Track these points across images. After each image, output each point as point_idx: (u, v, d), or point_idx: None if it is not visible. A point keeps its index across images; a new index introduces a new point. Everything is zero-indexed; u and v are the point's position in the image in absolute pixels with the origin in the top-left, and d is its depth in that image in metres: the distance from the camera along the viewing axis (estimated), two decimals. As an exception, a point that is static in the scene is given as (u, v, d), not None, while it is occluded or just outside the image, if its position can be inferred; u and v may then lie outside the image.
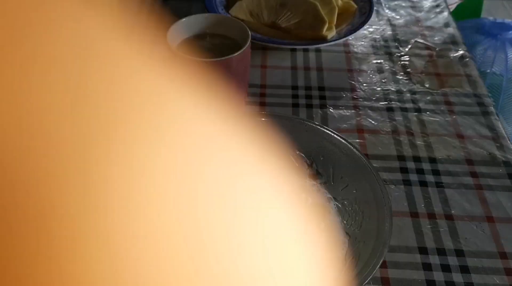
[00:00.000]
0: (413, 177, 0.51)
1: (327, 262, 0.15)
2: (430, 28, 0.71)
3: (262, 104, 0.59)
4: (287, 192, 0.15)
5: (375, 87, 0.62)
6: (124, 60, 0.12)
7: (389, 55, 0.67)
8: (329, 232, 0.44)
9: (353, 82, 0.62)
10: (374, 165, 0.50)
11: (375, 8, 0.72)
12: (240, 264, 0.12)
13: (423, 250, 0.44)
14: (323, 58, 0.66)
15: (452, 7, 1.20)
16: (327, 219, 0.45)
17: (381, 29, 0.71)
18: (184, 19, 0.51)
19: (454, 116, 0.58)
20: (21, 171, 0.11)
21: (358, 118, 0.57)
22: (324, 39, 0.65)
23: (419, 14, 0.74)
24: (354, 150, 0.44)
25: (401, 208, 0.48)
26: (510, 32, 1.10)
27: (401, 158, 0.53)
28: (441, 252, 0.44)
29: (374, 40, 0.69)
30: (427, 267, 0.43)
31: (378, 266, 0.35)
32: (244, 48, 0.48)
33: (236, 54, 0.48)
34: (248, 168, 0.14)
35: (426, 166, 0.52)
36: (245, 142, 0.15)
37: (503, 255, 0.44)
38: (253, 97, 0.59)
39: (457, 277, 0.42)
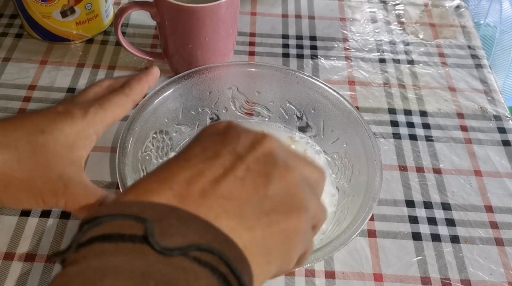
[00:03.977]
0: (403, 130, 0.50)
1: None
2: (427, -25, 0.69)
3: (251, 54, 0.57)
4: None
5: (367, 37, 0.60)
6: None
7: (384, 4, 0.65)
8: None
9: (345, 32, 0.61)
10: (365, 118, 0.49)
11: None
12: None
13: (410, 203, 0.44)
14: (315, 6, 0.63)
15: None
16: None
17: (376, -24, 0.68)
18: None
19: (447, 69, 0.57)
20: None
21: (349, 69, 0.56)
22: (316, -15, 0.62)
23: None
24: (346, 103, 0.43)
25: (390, 161, 0.47)
26: (507, -19, 1.07)
27: (392, 111, 0.52)
28: (428, 205, 0.44)
29: (369, -13, 0.66)
30: (413, 220, 0.43)
31: (366, 221, 0.35)
32: (233, -6, 0.46)
33: (224, -1, 0.45)
34: None
35: (416, 119, 0.51)
36: None
37: (489, 209, 0.44)
38: (241, 46, 0.57)
39: (443, 230, 0.43)
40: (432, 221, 0.43)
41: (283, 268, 0.25)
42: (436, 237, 0.42)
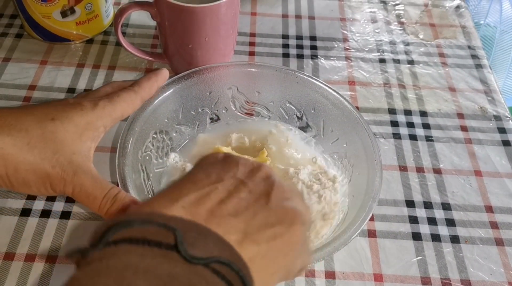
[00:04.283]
0: (403, 130, 0.50)
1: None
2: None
3: (251, 54, 0.57)
4: None
5: (368, 38, 0.60)
6: None
7: (384, 4, 0.65)
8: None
9: (345, 32, 0.61)
10: (365, 118, 0.49)
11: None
12: None
13: (410, 204, 0.44)
14: (315, 6, 0.63)
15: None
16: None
17: (376, -24, 0.68)
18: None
19: (447, 69, 0.57)
20: None
21: (349, 70, 0.56)
22: (316, -14, 0.62)
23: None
24: (346, 103, 0.43)
25: (390, 161, 0.47)
26: (507, -19, 1.07)
27: (392, 111, 0.52)
28: (428, 205, 0.44)
29: (369, -13, 0.66)
30: (413, 220, 0.43)
31: (366, 221, 0.35)
32: (233, -6, 0.46)
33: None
34: None
35: (416, 119, 0.51)
36: None
37: (489, 209, 0.44)
38: (241, 46, 0.57)
39: (443, 230, 0.43)
40: (432, 221, 0.43)
41: (285, 278, 0.26)
42: (436, 237, 0.42)
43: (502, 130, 0.51)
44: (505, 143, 0.50)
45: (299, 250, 0.26)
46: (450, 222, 0.43)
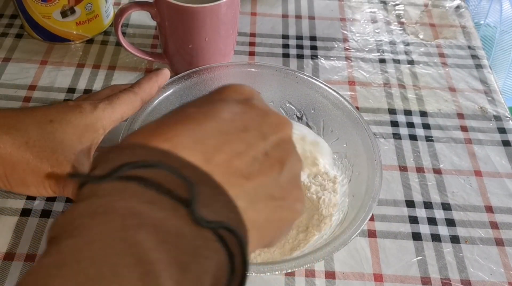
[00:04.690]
0: (403, 130, 0.50)
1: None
2: (427, -25, 0.69)
3: (252, 54, 0.57)
4: None
5: (368, 38, 0.60)
6: None
7: (384, 4, 0.65)
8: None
9: (345, 32, 0.61)
10: (365, 118, 0.49)
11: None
12: None
13: (410, 204, 0.44)
14: (315, 6, 0.63)
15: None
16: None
17: (376, -24, 0.68)
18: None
19: (447, 69, 0.57)
20: None
21: (349, 70, 0.56)
22: (316, -14, 0.62)
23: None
24: (346, 103, 0.43)
25: (390, 161, 0.47)
26: (507, -19, 1.07)
27: (392, 111, 0.52)
28: (428, 205, 0.44)
29: (369, -13, 0.66)
30: (413, 220, 0.43)
31: (366, 221, 0.35)
32: (233, -6, 0.46)
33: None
34: None
35: (416, 119, 0.51)
36: None
37: (489, 209, 0.44)
38: (241, 46, 0.57)
39: (443, 230, 0.43)
40: (432, 221, 0.43)
41: (265, 247, 0.27)
42: (436, 237, 0.42)
43: (502, 130, 0.51)
44: (505, 143, 0.50)
45: (288, 228, 0.26)
46: (450, 222, 0.43)
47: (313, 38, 0.59)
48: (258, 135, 0.24)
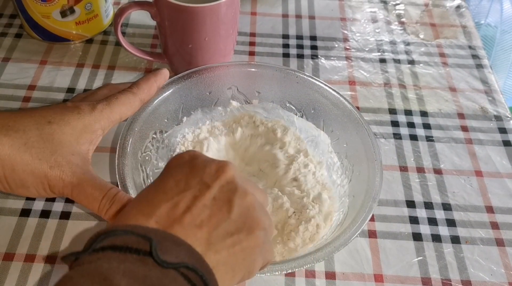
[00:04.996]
0: (404, 130, 0.50)
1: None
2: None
3: (252, 54, 0.57)
4: None
5: (368, 37, 0.60)
6: None
7: (384, 4, 0.65)
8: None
9: (345, 32, 0.60)
10: (366, 118, 0.49)
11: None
12: None
13: (410, 204, 0.44)
14: (316, 6, 0.63)
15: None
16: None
17: (376, -24, 0.68)
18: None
19: (447, 69, 0.57)
20: None
21: (350, 70, 0.56)
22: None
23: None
24: (346, 103, 0.43)
25: (391, 161, 0.47)
26: (507, -19, 1.07)
27: (392, 111, 0.52)
28: (428, 205, 0.44)
29: (369, -13, 0.66)
30: (414, 220, 0.43)
31: (367, 221, 0.35)
32: (233, -6, 0.46)
33: (224, -1, 0.45)
34: None
35: (417, 119, 0.51)
36: None
37: (490, 209, 0.44)
38: (242, 46, 0.57)
39: (443, 230, 0.43)
40: (432, 221, 0.43)
41: (248, 276, 0.30)
42: (436, 238, 0.42)
43: (502, 130, 0.51)
44: (506, 143, 0.50)
45: (258, 252, 0.29)
46: (451, 223, 0.43)
47: (313, 38, 0.59)
48: (201, 187, 0.28)
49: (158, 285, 0.23)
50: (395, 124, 0.51)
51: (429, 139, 0.50)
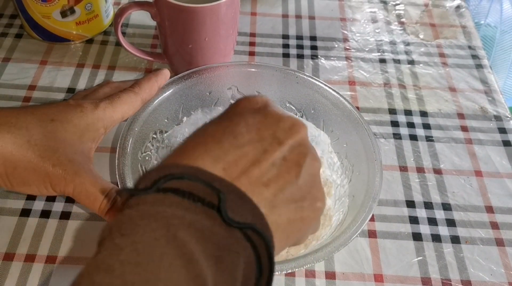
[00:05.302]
0: (404, 131, 0.50)
1: None
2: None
3: (252, 54, 0.57)
4: None
5: (368, 38, 0.60)
6: None
7: (384, 4, 0.65)
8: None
9: (345, 32, 0.60)
10: (365, 118, 0.49)
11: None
12: None
13: (410, 204, 0.44)
14: (316, 6, 0.63)
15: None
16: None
17: (376, -24, 0.68)
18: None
19: (447, 69, 0.57)
20: None
21: (350, 70, 0.56)
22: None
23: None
24: (346, 103, 0.43)
25: (391, 161, 0.47)
26: (507, -19, 1.07)
27: (392, 111, 0.52)
28: (428, 205, 0.44)
29: (369, -13, 0.66)
30: (414, 220, 0.43)
31: (367, 221, 0.35)
32: (233, -6, 0.46)
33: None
34: None
35: (417, 119, 0.51)
36: None
37: (490, 209, 0.44)
38: (241, 46, 0.57)
39: (443, 230, 0.43)
40: (432, 221, 0.43)
41: (293, 245, 0.28)
42: (436, 238, 0.42)
43: (502, 130, 0.51)
44: (506, 143, 0.50)
45: (313, 224, 0.28)
46: (451, 223, 0.43)
47: (313, 38, 0.59)
48: (273, 142, 0.26)
49: (222, 243, 0.22)
50: (395, 124, 0.51)
51: (429, 139, 0.50)
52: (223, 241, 0.22)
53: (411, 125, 0.51)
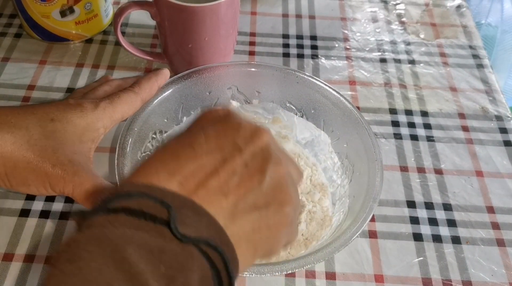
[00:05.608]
0: (404, 131, 0.50)
1: None
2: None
3: (252, 53, 0.56)
4: None
5: (368, 37, 0.60)
6: None
7: (384, 3, 0.65)
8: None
9: (346, 32, 0.60)
10: (366, 118, 0.49)
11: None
12: None
13: (411, 204, 0.44)
14: (316, 6, 0.63)
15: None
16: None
17: (376, -25, 0.67)
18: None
19: (448, 69, 0.57)
20: None
21: (350, 69, 0.56)
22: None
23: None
24: (346, 102, 0.43)
25: (391, 161, 0.47)
26: (508, -19, 1.07)
27: (392, 111, 0.52)
28: (429, 206, 0.44)
29: (369, -13, 0.66)
30: (414, 220, 0.43)
31: (367, 222, 0.35)
32: (233, -7, 0.46)
33: (224, -1, 0.45)
34: None
35: (417, 119, 0.51)
36: None
37: (490, 209, 0.44)
38: (242, 45, 0.57)
39: (444, 231, 0.43)
40: (433, 221, 0.43)
41: (268, 255, 0.27)
42: (437, 238, 0.42)
43: (503, 130, 0.51)
44: (507, 143, 0.50)
45: (284, 232, 0.27)
46: (451, 223, 0.43)
47: (313, 38, 0.59)
48: (233, 150, 0.25)
49: (174, 262, 0.20)
50: (395, 124, 0.50)
51: (429, 139, 0.49)
52: (176, 258, 0.21)
53: (411, 125, 0.51)
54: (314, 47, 0.58)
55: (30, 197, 0.42)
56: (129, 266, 0.19)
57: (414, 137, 0.49)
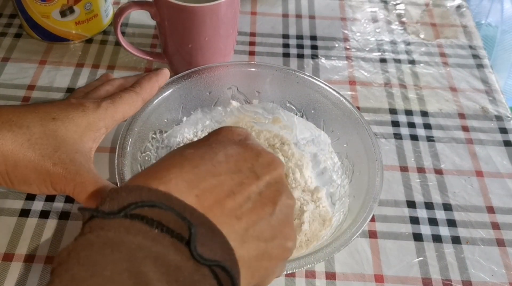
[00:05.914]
0: (404, 131, 0.50)
1: None
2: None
3: (252, 53, 0.56)
4: None
5: (368, 37, 0.60)
6: None
7: (384, 3, 0.65)
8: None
9: (346, 32, 0.60)
10: (366, 118, 0.49)
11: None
12: None
13: (411, 204, 0.44)
14: (316, 6, 0.63)
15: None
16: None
17: (376, -25, 0.67)
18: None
19: (448, 69, 0.57)
20: None
21: (350, 69, 0.56)
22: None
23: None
24: (346, 102, 0.43)
25: (391, 161, 0.47)
26: (508, -19, 1.07)
27: (393, 111, 0.52)
28: (429, 206, 0.44)
29: (369, -13, 0.66)
30: (414, 220, 0.43)
31: (367, 222, 0.35)
32: (233, -7, 0.46)
33: (224, -1, 0.45)
34: None
35: (417, 119, 0.51)
36: None
37: (491, 210, 0.44)
38: (242, 45, 0.57)
39: (444, 231, 0.43)
40: (433, 221, 0.43)
41: (256, 285, 0.27)
42: (437, 238, 0.42)
43: (503, 130, 0.51)
44: (507, 143, 0.50)
45: (280, 266, 0.27)
46: (451, 223, 0.43)
47: (313, 38, 0.59)
48: (250, 175, 0.25)
49: (189, 281, 0.20)
50: (395, 124, 0.50)
51: (429, 139, 0.49)
52: (190, 278, 0.21)
53: (411, 125, 0.51)
54: (314, 47, 0.58)
55: (30, 197, 0.42)
56: (144, 279, 0.19)
57: (414, 137, 0.49)
